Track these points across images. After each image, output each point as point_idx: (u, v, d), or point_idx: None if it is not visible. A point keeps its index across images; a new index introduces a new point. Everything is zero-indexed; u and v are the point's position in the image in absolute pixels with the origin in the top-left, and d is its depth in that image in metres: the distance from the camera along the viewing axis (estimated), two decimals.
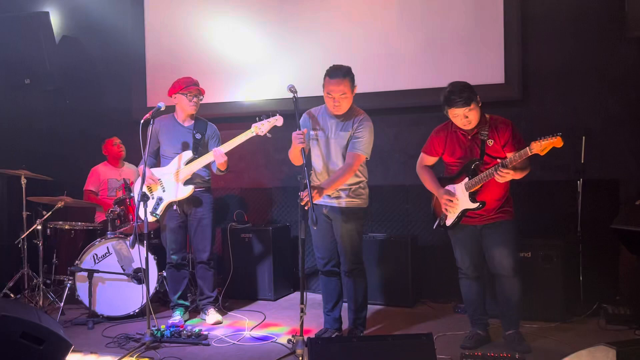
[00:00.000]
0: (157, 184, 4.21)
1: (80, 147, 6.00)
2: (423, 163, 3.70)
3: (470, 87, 3.35)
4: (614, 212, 4.21)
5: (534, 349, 3.46)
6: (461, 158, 3.48)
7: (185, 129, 4.26)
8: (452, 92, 3.32)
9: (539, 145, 3.05)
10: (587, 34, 4.51)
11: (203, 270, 4.33)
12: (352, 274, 3.70)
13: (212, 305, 4.37)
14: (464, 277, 3.65)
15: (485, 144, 3.40)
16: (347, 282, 3.74)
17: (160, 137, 4.28)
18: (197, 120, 4.32)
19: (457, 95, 3.28)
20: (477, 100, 3.33)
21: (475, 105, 3.32)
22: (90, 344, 3.74)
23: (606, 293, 4.29)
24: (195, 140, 4.21)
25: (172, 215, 4.23)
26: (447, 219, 3.55)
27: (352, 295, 3.73)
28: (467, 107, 3.29)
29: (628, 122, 4.42)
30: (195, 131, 4.24)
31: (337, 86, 3.48)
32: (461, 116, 3.33)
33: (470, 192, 3.40)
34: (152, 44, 5.90)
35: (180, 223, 4.26)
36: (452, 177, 3.54)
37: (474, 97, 3.30)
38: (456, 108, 3.31)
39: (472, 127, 3.40)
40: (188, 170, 4.13)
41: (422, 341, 2.79)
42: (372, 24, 5.09)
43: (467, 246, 3.56)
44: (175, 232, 4.25)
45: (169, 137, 4.26)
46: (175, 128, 4.27)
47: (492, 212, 3.45)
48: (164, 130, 4.27)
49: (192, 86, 4.21)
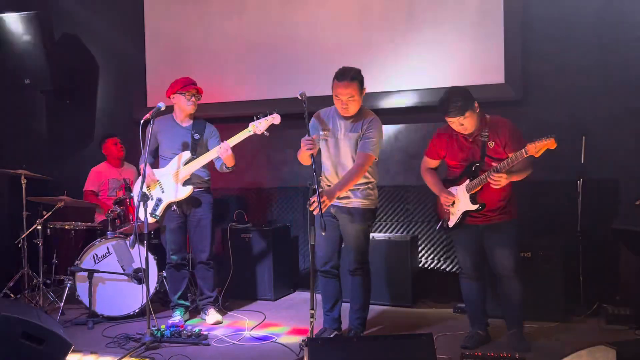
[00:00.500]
0: (156, 184, 4.21)
1: (80, 147, 6.00)
2: (426, 166, 3.72)
3: (467, 95, 3.31)
4: (614, 212, 4.22)
5: (534, 349, 3.46)
6: (463, 160, 3.49)
7: (183, 129, 4.26)
8: (446, 100, 3.31)
9: (534, 147, 3.05)
10: (587, 34, 4.51)
11: (203, 271, 4.33)
12: (357, 273, 3.72)
13: (212, 305, 4.37)
14: (464, 277, 3.65)
15: (486, 145, 3.40)
16: (352, 281, 3.74)
17: (158, 137, 4.28)
18: (195, 120, 4.31)
19: (451, 104, 3.28)
20: (474, 107, 3.31)
21: (472, 112, 3.30)
22: (90, 344, 3.74)
23: (606, 293, 4.28)
24: (194, 141, 4.21)
25: (171, 216, 4.22)
26: (449, 220, 3.56)
27: (355, 294, 3.73)
28: (461, 116, 3.29)
29: (628, 122, 4.42)
30: (193, 131, 4.24)
31: (345, 89, 3.48)
32: (456, 123, 3.35)
33: (471, 193, 3.41)
34: (152, 44, 5.90)
35: (179, 223, 4.26)
36: (454, 179, 3.55)
37: (469, 106, 3.28)
38: (450, 117, 3.33)
39: (469, 132, 3.40)
40: (187, 170, 4.13)
41: (422, 341, 2.79)
42: (372, 24, 5.09)
43: (468, 246, 3.57)
44: (174, 233, 4.25)
45: (167, 138, 4.25)
46: (173, 129, 4.26)
47: (494, 213, 3.45)
48: (163, 130, 4.26)
49: (190, 86, 4.20)
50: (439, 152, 3.59)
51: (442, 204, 3.57)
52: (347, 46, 5.11)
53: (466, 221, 3.50)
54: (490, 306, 3.73)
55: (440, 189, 3.57)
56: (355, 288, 3.73)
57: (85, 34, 6.04)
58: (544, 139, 3.03)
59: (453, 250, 4.77)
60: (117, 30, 5.95)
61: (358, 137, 3.59)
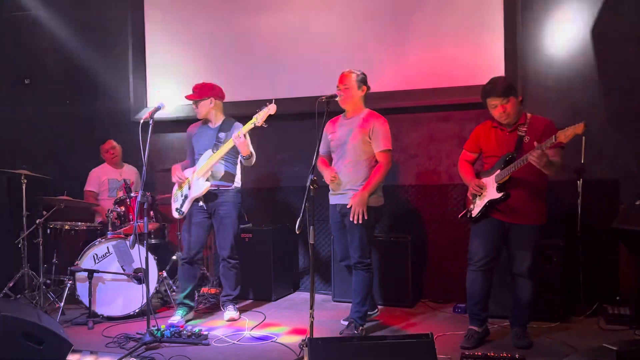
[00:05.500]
0: (185, 182, 4.32)
1: (80, 146, 6.00)
2: (464, 158, 3.80)
3: (511, 83, 3.54)
4: (614, 212, 4.21)
5: (535, 348, 3.46)
6: (498, 153, 3.55)
7: (212, 130, 4.36)
8: (494, 82, 3.49)
9: (563, 133, 3.13)
10: (587, 34, 4.51)
11: (224, 269, 4.39)
12: (358, 268, 3.83)
13: (231, 303, 4.40)
14: (472, 269, 3.63)
15: (522, 140, 3.47)
16: (353, 275, 3.90)
17: (192, 140, 4.44)
18: (225, 120, 4.39)
19: (497, 85, 3.45)
20: (517, 97, 3.50)
21: (515, 100, 3.46)
22: (90, 344, 3.73)
23: (606, 293, 4.29)
24: (217, 139, 4.28)
25: (196, 211, 4.32)
26: (473, 210, 3.60)
27: (356, 288, 3.86)
28: (506, 98, 3.42)
29: (628, 122, 4.42)
30: (220, 131, 4.31)
31: (342, 78, 3.81)
32: (499, 109, 3.45)
33: (499, 183, 3.45)
34: (152, 44, 5.90)
35: (202, 219, 4.33)
36: (488, 171, 3.61)
37: (513, 92, 3.46)
38: (494, 98, 3.44)
39: (510, 120, 3.49)
40: (207, 165, 4.22)
41: (422, 341, 2.79)
42: (372, 24, 5.09)
43: (488, 237, 3.57)
44: (195, 227, 4.32)
45: (197, 140, 4.41)
46: (204, 130, 4.40)
47: (524, 211, 3.47)
48: (196, 133, 4.44)
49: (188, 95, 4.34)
50: (478, 144, 3.68)
51: (470, 193, 3.63)
52: (348, 46, 5.11)
53: (494, 215, 3.53)
54: (491, 306, 3.73)
55: (471, 179, 3.64)
56: (356, 283, 3.86)
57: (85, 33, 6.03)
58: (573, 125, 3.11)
59: (453, 250, 4.77)
60: (117, 30, 5.95)
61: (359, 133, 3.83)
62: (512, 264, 3.58)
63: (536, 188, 3.48)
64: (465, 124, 4.83)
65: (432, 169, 5.00)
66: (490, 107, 3.51)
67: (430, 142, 5.00)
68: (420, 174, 5.04)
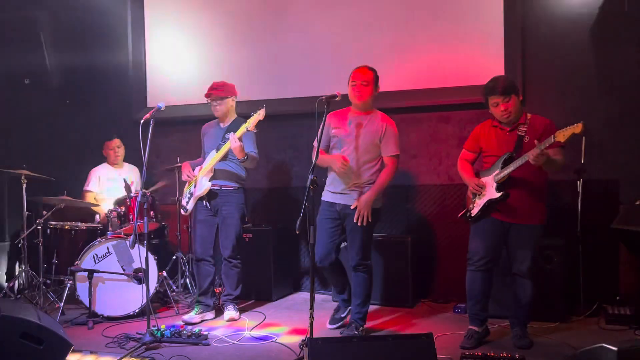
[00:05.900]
0: (192, 180, 4.37)
1: (80, 147, 5.99)
2: (463, 158, 3.80)
3: (513, 82, 3.57)
4: (614, 212, 4.21)
5: (535, 348, 3.47)
6: (498, 152, 3.56)
7: (221, 129, 4.38)
8: (496, 80, 3.52)
9: (561, 133, 3.16)
10: (587, 34, 4.51)
11: (226, 268, 4.40)
12: (359, 269, 3.81)
13: (232, 303, 4.40)
14: (472, 269, 3.63)
15: (522, 140, 3.48)
16: (353, 277, 3.86)
17: (204, 139, 4.48)
18: (235, 119, 4.37)
19: (498, 83, 3.48)
20: (518, 95, 3.52)
21: (516, 98, 3.49)
22: (90, 344, 3.73)
23: (606, 293, 4.29)
24: (223, 139, 4.28)
25: (201, 210, 4.36)
26: (473, 210, 3.60)
27: (356, 290, 3.85)
28: (507, 96, 3.44)
29: (628, 122, 4.42)
30: (227, 131, 4.30)
31: (362, 74, 3.75)
32: (501, 106, 3.46)
33: (499, 183, 3.46)
34: (152, 44, 5.90)
35: (207, 217, 4.36)
36: (487, 170, 3.62)
37: (514, 91, 3.49)
38: (496, 96, 3.46)
39: (510, 119, 3.50)
40: (209, 165, 4.26)
41: (422, 341, 2.79)
42: (371, 24, 5.09)
43: (488, 237, 3.57)
44: (201, 226, 4.36)
45: (207, 139, 4.45)
46: (214, 129, 4.43)
47: (524, 211, 3.48)
48: (207, 132, 4.48)
49: (207, 92, 4.34)
50: (478, 143, 3.68)
51: (470, 192, 3.64)
52: (348, 46, 5.10)
53: (494, 215, 3.54)
54: (491, 306, 3.73)
55: (471, 178, 3.64)
56: (356, 284, 3.84)
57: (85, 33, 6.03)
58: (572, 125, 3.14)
59: (453, 250, 4.77)
60: (117, 30, 5.95)
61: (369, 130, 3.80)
62: (512, 264, 3.58)
63: (536, 188, 3.49)
64: (465, 124, 4.83)
65: (432, 169, 5.00)
66: (491, 105, 3.53)
67: (430, 142, 5.01)
68: (420, 174, 5.03)
